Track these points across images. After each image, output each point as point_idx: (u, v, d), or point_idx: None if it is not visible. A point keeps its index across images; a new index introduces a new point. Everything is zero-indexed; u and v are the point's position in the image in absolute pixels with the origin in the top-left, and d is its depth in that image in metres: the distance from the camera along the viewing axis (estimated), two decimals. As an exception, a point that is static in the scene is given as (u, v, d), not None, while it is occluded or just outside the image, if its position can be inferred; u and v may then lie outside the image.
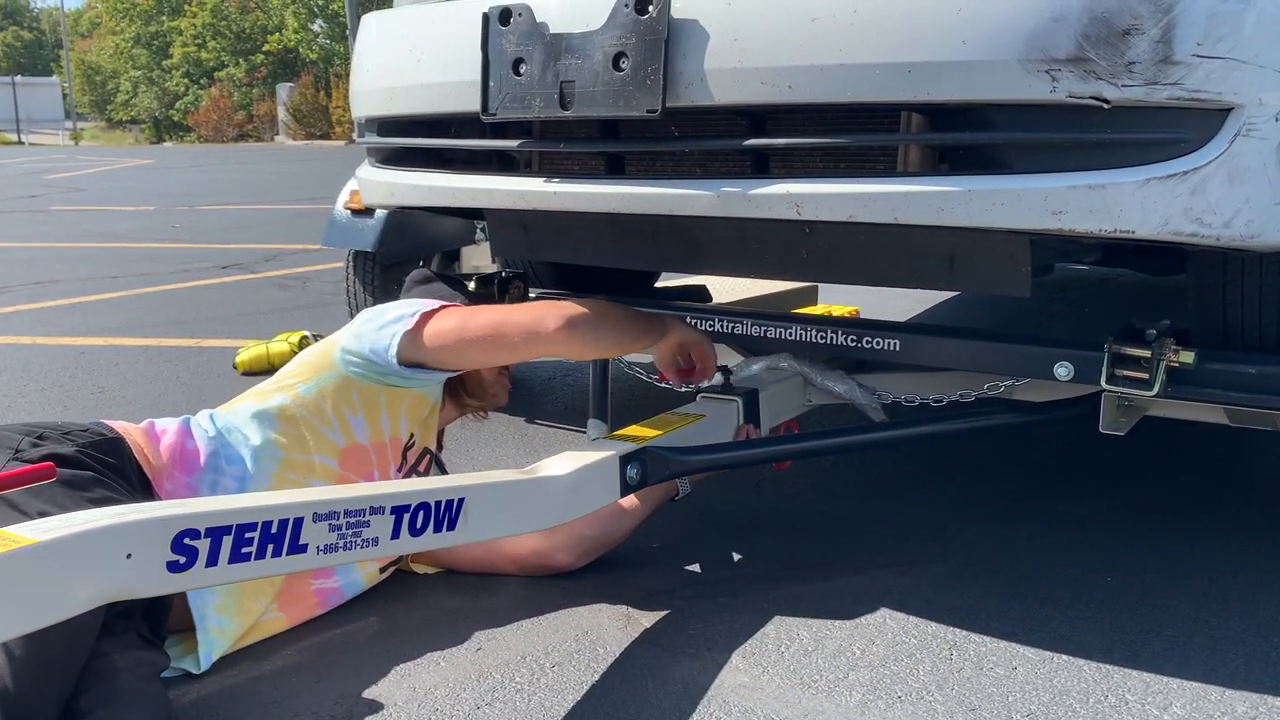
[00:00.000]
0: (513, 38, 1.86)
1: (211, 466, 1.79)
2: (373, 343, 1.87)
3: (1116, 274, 5.01)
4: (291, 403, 1.87)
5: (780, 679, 1.68)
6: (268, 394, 1.90)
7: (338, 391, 1.89)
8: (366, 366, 1.88)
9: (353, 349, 1.89)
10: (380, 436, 1.93)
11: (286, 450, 1.84)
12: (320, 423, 1.87)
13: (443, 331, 1.86)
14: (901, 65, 1.50)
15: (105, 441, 1.70)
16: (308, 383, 1.90)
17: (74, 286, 5.94)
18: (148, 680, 1.47)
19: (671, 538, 2.25)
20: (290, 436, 1.85)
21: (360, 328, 1.91)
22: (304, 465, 1.85)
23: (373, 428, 1.92)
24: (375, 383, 1.90)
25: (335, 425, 1.88)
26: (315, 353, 1.96)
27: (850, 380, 2.24)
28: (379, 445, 1.93)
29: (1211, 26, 1.37)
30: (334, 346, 1.93)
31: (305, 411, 1.87)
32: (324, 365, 1.91)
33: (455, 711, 1.60)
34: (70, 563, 1.17)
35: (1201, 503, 2.44)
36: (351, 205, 3.39)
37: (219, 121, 38.80)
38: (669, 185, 1.80)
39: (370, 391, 1.90)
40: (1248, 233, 1.46)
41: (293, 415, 1.86)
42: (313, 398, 1.88)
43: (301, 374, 1.92)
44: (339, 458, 1.88)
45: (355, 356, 1.89)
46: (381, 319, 1.90)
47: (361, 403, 1.90)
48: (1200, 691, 1.63)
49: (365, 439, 1.91)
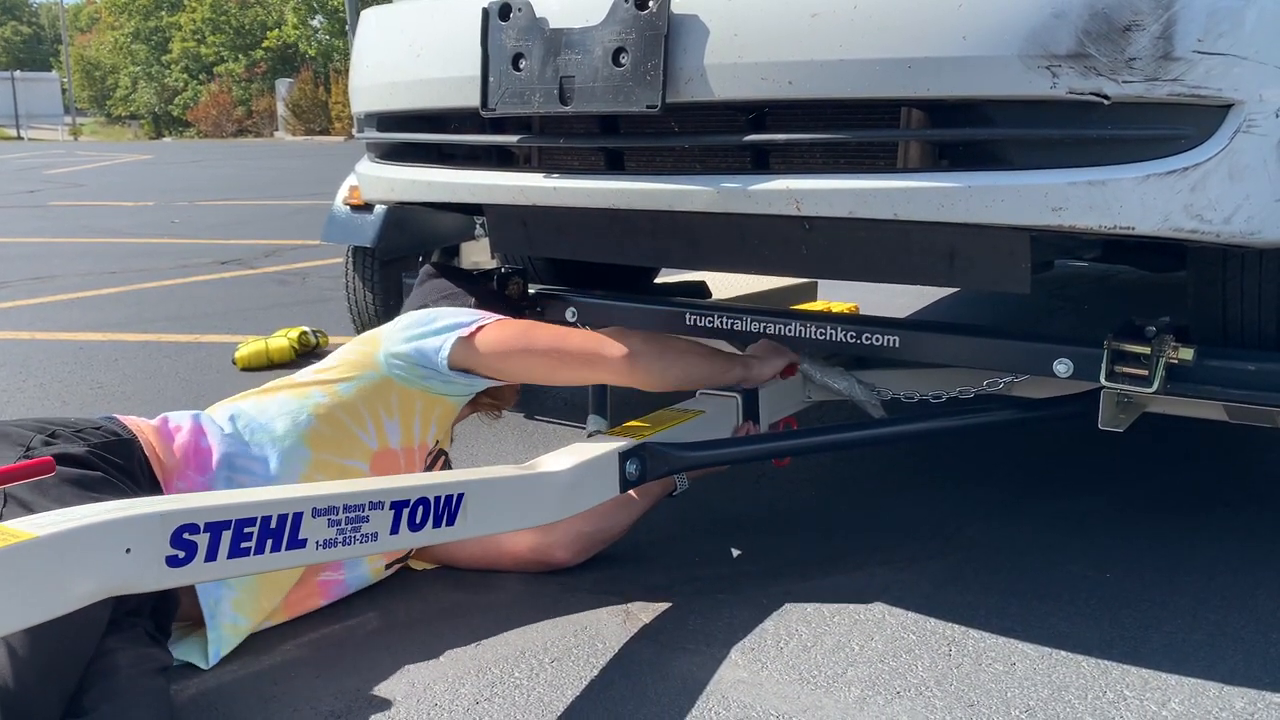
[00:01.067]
0: (512, 33, 1.85)
1: (226, 465, 1.76)
2: (421, 345, 1.86)
3: (1116, 271, 5.01)
4: (329, 401, 1.85)
5: (779, 674, 1.68)
6: (305, 389, 1.87)
7: (376, 393, 1.87)
8: (410, 369, 1.87)
9: (399, 351, 1.88)
10: (411, 442, 1.92)
11: (317, 451, 1.81)
12: (355, 424, 1.85)
13: (505, 340, 1.86)
14: (902, 61, 1.50)
15: (116, 443, 1.67)
16: (348, 381, 1.87)
17: (73, 282, 5.93)
18: (150, 677, 1.47)
19: (670, 534, 2.25)
20: (324, 437, 1.83)
21: (409, 330, 1.90)
22: (336, 468, 1.83)
23: (405, 432, 1.91)
24: (416, 386, 1.89)
25: (370, 428, 1.87)
26: (357, 350, 1.93)
27: (850, 377, 2.24)
28: (409, 451, 1.92)
29: (1212, 23, 1.37)
30: (377, 346, 1.91)
31: (342, 412, 1.85)
32: (366, 365, 1.89)
33: (454, 706, 1.60)
34: (69, 557, 1.17)
35: (1201, 500, 2.44)
36: (351, 201, 3.39)
37: (218, 117, 38.76)
38: (669, 181, 1.80)
39: (408, 396, 1.89)
40: (1248, 229, 1.46)
41: (329, 414, 1.84)
42: (351, 398, 1.86)
43: (342, 371, 1.89)
44: (370, 461, 1.86)
45: (400, 359, 1.88)
46: (433, 324, 1.89)
47: (399, 406, 1.89)
48: (1199, 687, 1.63)
49: (397, 444, 1.90)
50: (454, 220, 3.48)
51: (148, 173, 17.14)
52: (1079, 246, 2.49)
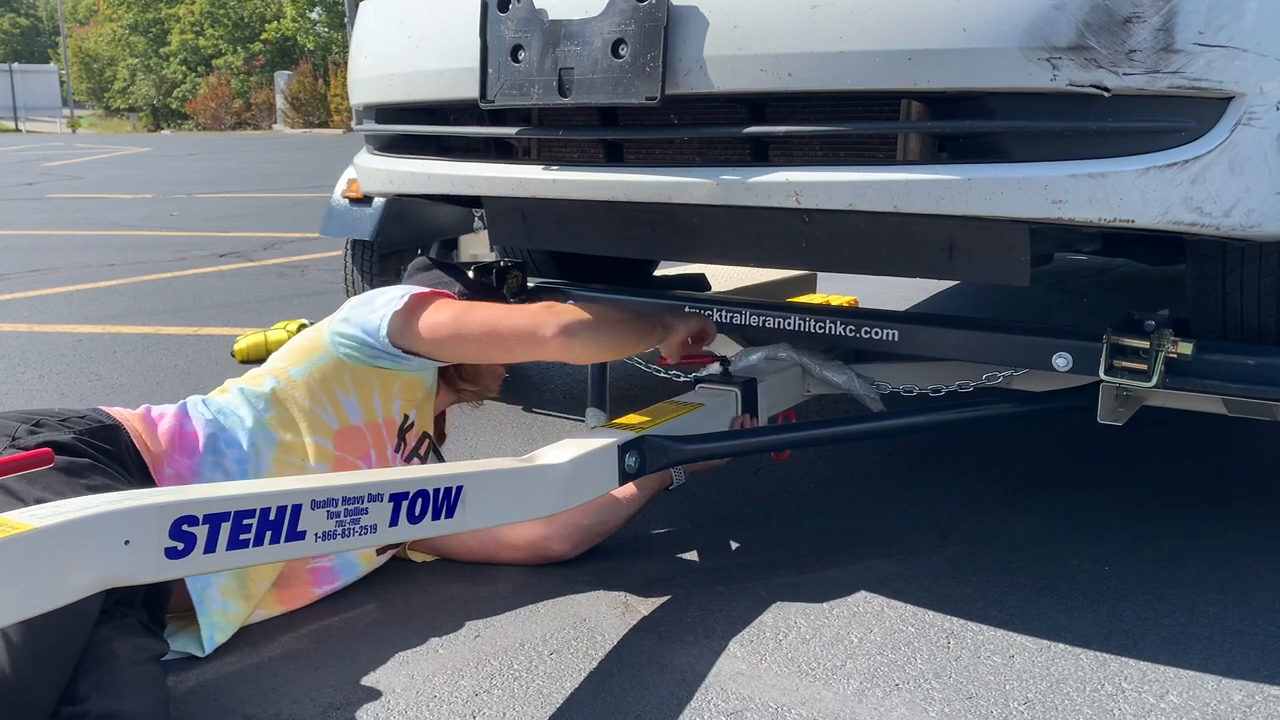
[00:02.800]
0: (511, 24, 1.85)
1: (211, 448, 1.80)
2: (364, 323, 1.87)
3: (1115, 264, 5.01)
4: (283, 385, 1.88)
5: (778, 667, 1.68)
6: (260, 378, 1.91)
7: (330, 373, 1.90)
8: (358, 348, 1.88)
9: (343, 331, 1.90)
10: (374, 417, 1.94)
11: (280, 433, 1.85)
12: (313, 404, 1.88)
13: (438, 324, 1.85)
14: (902, 53, 1.50)
15: (102, 429, 1.70)
16: (299, 365, 1.90)
17: (71, 274, 5.93)
18: (144, 666, 1.47)
19: (669, 526, 2.25)
20: (284, 420, 1.86)
21: (350, 311, 1.92)
22: (299, 447, 1.86)
23: (365, 409, 1.92)
24: (366, 364, 1.90)
25: (327, 407, 1.89)
26: (307, 337, 1.96)
27: (849, 370, 2.24)
28: (373, 425, 1.94)
29: (1213, 15, 1.37)
30: (324, 331, 1.94)
31: (297, 393, 1.88)
32: (315, 349, 1.92)
33: (453, 698, 1.60)
34: (68, 549, 1.17)
35: (1199, 493, 2.44)
36: (349, 194, 3.38)
37: (217, 109, 38.69)
38: (668, 173, 1.80)
39: (362, 374, 1.91)
40: (1247, 222, 1.46)
41: (284, 398, 1.87)
42: (304, 380, 1.89)
43: (293, 357, 1.93)
44: (333, 439, 1.89)
45: (346, 339, 1.89)
46: (372, 302, 1.90)
47: (354, 384, 1.91)
48: (1197, 680, 1.63)
49: (359, 420, 1.92)
50: (453, 213, 3.48)
51: (146, 165, 17.12)
52: (1078, 239, 2.49)
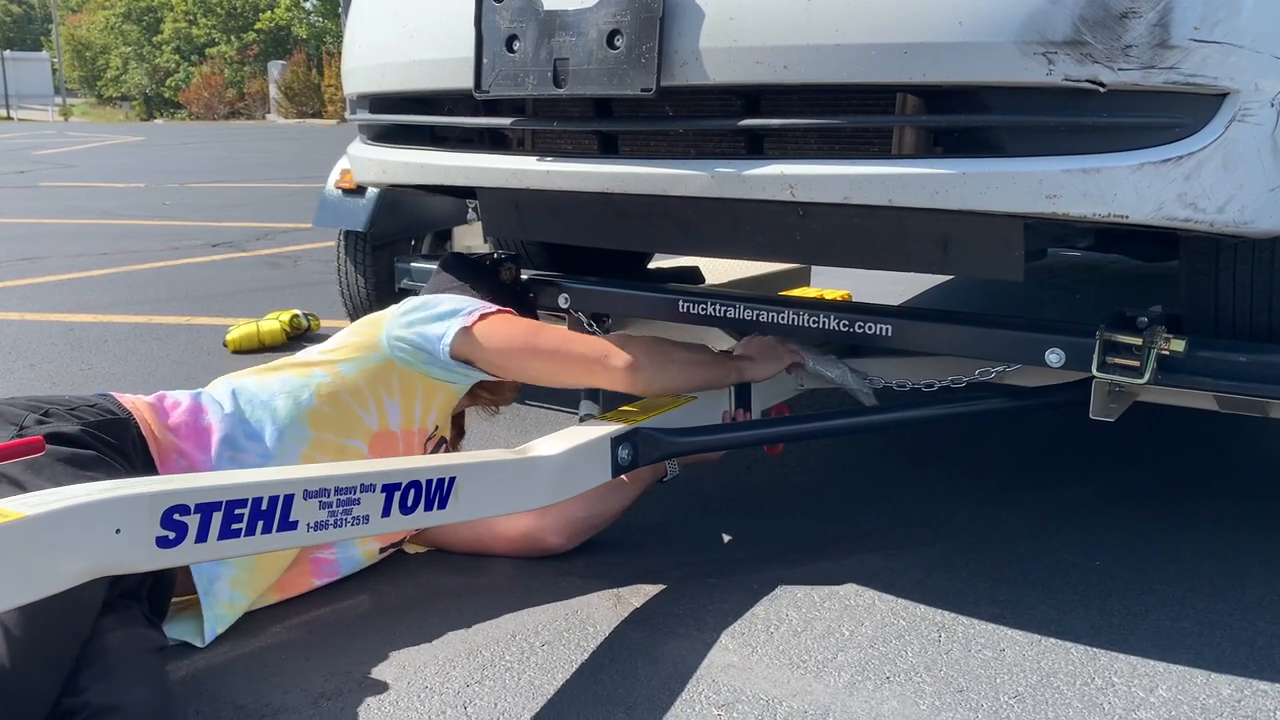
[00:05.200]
0: (506, 14, 1.84)
1: (228, 443, 1.76)
2: (424, 331, 1.87)
3: (1109, 260, 5.01)
4: (331, 380, 1.86)
5: (769, 659, 1.69)
6: (308, 368, 1.88)
7: (379, 374, 1.88)
8: (413, 354, 1.88)
9: (402, 335, 1.89)
10: (411, 425, 1.93)
11: (318, 431, 1.82)
12: (357, 404, 1.86)
13: (510, 338, 1.87)
14: (898, 46, 1.50)
15: (111, 421, 1.66)
16: (350, 362, 1.88)
17: (63, 263, 5.90)
18: (145, 657, 1.46)
19: (662, 519, 2.25)
20: (324, 417, 1.83)
21: (411, 315, 1.90)
22: (335, 447, 1.83)
23: (406, 415, 1.92)
24: (417, 371, 1.90)
25: (372, 407, 1.87)
26: (361, 333, 1.94)
27: (842, 364, 2.23)
28: (408, 434, 1.93)
29: (1209, 11, 1.37)
30: (380, 329, 1.92)
31: (344, 392, 1.85)
32: (369, 346, 1.90)
33: (445, 689, 1.60)
34: (59, 537, 1.17)
35: (1190, 488, 2.45)
36: (343, 184, 3.37)
37: (210, 99, 38.52)
38: (663, 165, 1.80)
39: (410, 379, 1.90)
40: (1241, 219, 1.46)
41: (331, 393, 1.85)
42: (354, 378, 1.87)
43: (346, 352, 1.90)
44: (370, 442, 1.87)
45: (404, 343, 1.88)
46: (436, 309, 1.90)
47: (400, 388, 1.90)
48: (1186, 674, 1.64)
49: (397, 425, 1.91)
50: (447, 204, 3.47)
51: (139, 154, 17.05)
52: (1072, 235, 2.49)
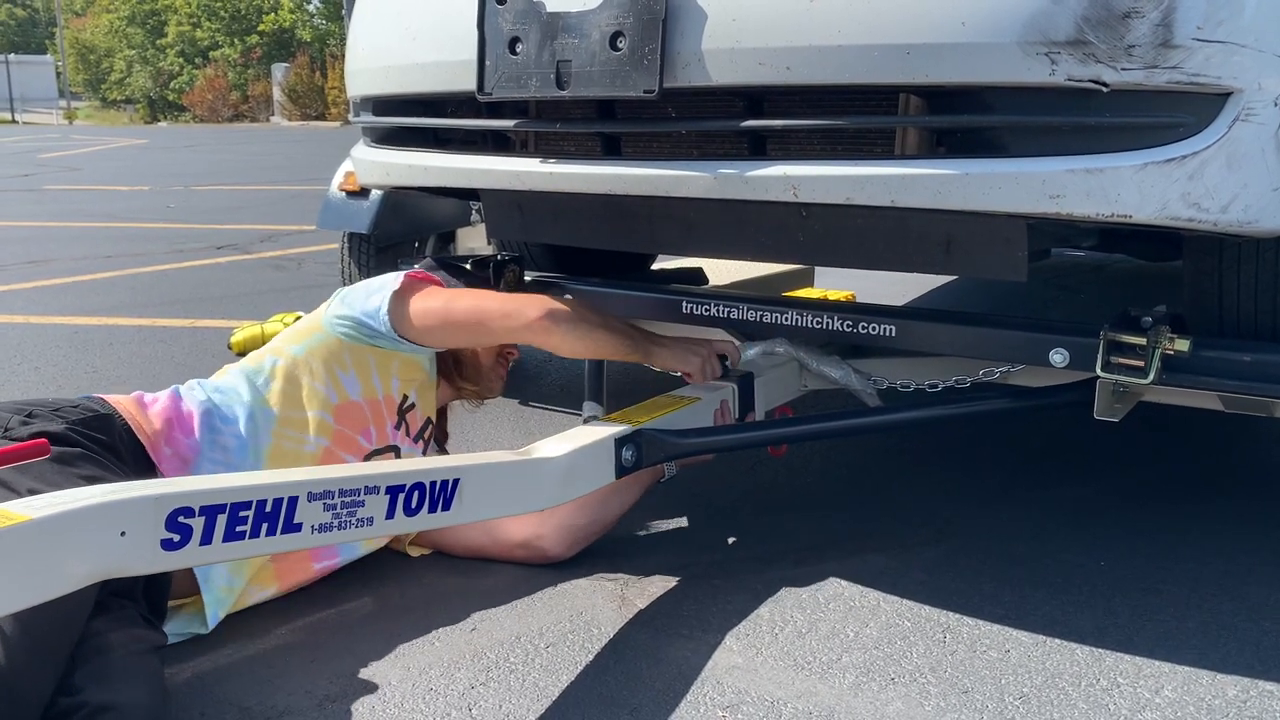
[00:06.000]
0: (509, 16, 1.85)
1: (208, 426, 1.83)
2: (363, 306, 1.93)
3: (1113, 260, 5.01)
4: (283, 362, 1.93)
5: (774, 661, 1.69)
6: (259, 358, 1.96)
7: (329, 352, 1.94)
8: (356, 329, 1.93)
9: (341, 313, 1.95)
10: (373, 394, 1.98)
11: (280, 408, 1.89)
12: (312, 380, 1.92)
13: (428, 311, 1.92)
14: (900, 47, 1.50)
15: (95, 418, 1.71)
16: (299, 344, 1.96)
17: (68, 266, 5.91)
18: (142, 657, 1.47)
19: (666, 521, 2.25)
20: (283, 394, 1.90)
21: (348, 296, 1.98)
22: (300, 421, 1.90)
23: (365, 384, 1.97)
24: (365, 344, 1.95)
25: (327, 381, 1.93)
26: (305, 322, 2.02)
27: (846, 365, 2.23)
28: (372, 402, 1.98)
29: (1212, 10, 1.37)
30: (321, 314, 1.99)
31: (297, 370, 1.92)
32: (313, 329, 1.97)
33: (450, 691, 1.60)
34: (64, 540, 1.17)
35: (1195, 488, 2.45)
36: (346, 186, 3.37)
37: (214, 102, 38.57)
38: (665, 166, 1.80)
39: (360, 352, 1.96)
40: (1245, 218, 1.46)
41: (283, 373, 1.92)
42: (304, 358, 1.93)
43: (291, 340, 1.98)
44: (334, 413, 1.93)
45: (343, 319, 1.94)
46: (369, 287, 1.96)
47: (353, 362, 1.96)
48: (1192, 675, 1.64)
49: (358, 395, 1.96)
50: (450, 206, 3.47)
51: (143, 157, 17.07)
52: (1076, 235, 2.49)
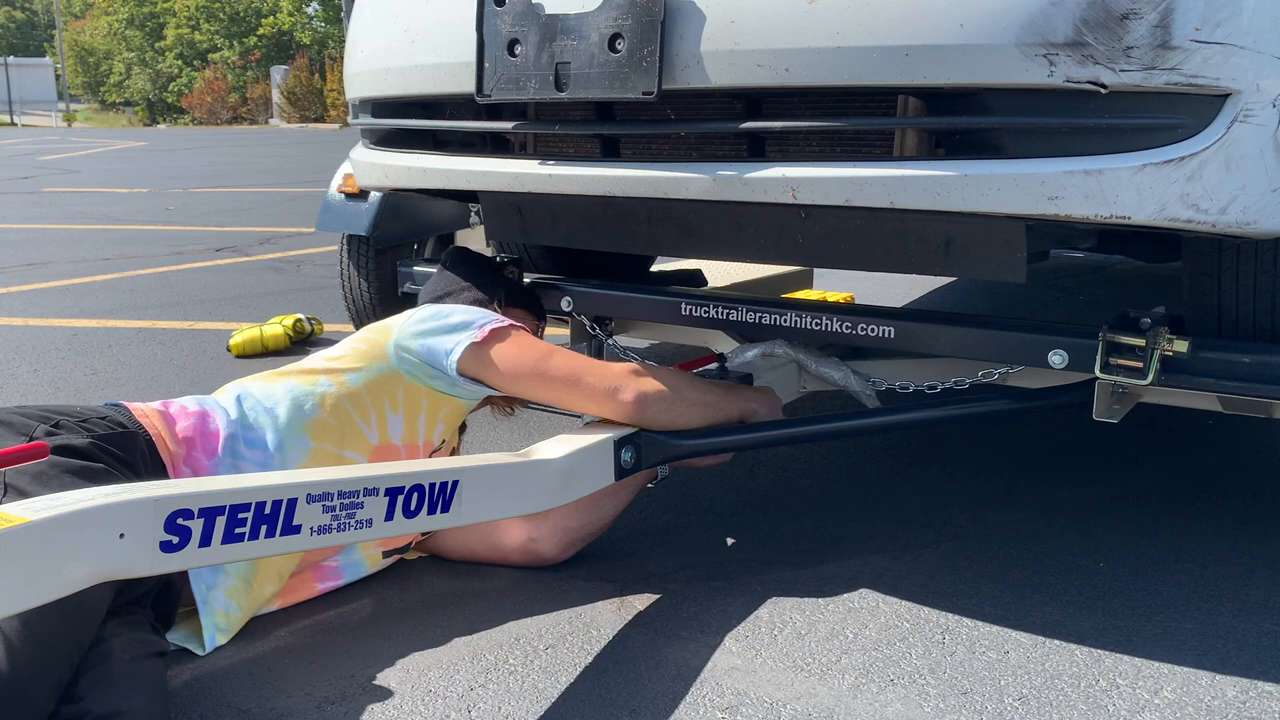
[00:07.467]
0: (508, 18, 1.85)
1: (230, 450, 1.75)
2: (432, 345, 1.85)
3: (1112, 261, 5.01)
4: (336, 390, 1.84)
5: (773, 662, 1.68)
6: (313, 376, 1.86)
7: (383, 386, 1.86)
8: (419, 368, 1.86)
9: (409, 347, 1.87)
10: (414, 439, 1.91)
11: (319, 441, 1.81)
12: (359, 416, 1.85)
13: (520, 361, 1.84)
14: (899, 49, 1.50)
15: (119, 435, 1.64)
16: (356, 372, 1.86)
17: (66, 268, 5.91)
18: (145, 662, 1.46)
19: (664, 522, 2.25)
20: (326, 427, 1.82)
21: (421, 325, 1.88)
22: (334, 458, 1.82)
23: (409, 429, 1.90)
24: (423, 384, 1.88)
25: (373, 421, 1.86)
26: (368, 340, 1.92)
27: (845, 366, 2.24)
28: (411, 448, 1.91)
29: (1210, 11, 1.37)
30: (388, 338, 1.89)
31: (347, 403, 1.84)
32: (376, 356, 1.88)
33: (449, 692, 1.60)
34: (63, 541, 1.17)
35: (1194, 490, 2.45)
36: (345, 189, 3.37)
37: (213, 104, 38.62)
38: (664, 168, 1.80)
39: (415, 392, 1.89)
40: (1243, 219, 1.46)
41: (334, 405, 1.83)
42: (358, 389, 1.85)
43: (351, 360, 1.88)
44: (370, 455, 1.85)
45: (410, 354, 1.86)
46: (447, 320, 1.87)
47: (404, 402, 1.88)
48: (1191, 676, 1.64)
49: (399, 439, 1.89)
50: (450, 208, 3.47)
51: (142, 159, 17.07)
52: (1075, 236, 2.49)
